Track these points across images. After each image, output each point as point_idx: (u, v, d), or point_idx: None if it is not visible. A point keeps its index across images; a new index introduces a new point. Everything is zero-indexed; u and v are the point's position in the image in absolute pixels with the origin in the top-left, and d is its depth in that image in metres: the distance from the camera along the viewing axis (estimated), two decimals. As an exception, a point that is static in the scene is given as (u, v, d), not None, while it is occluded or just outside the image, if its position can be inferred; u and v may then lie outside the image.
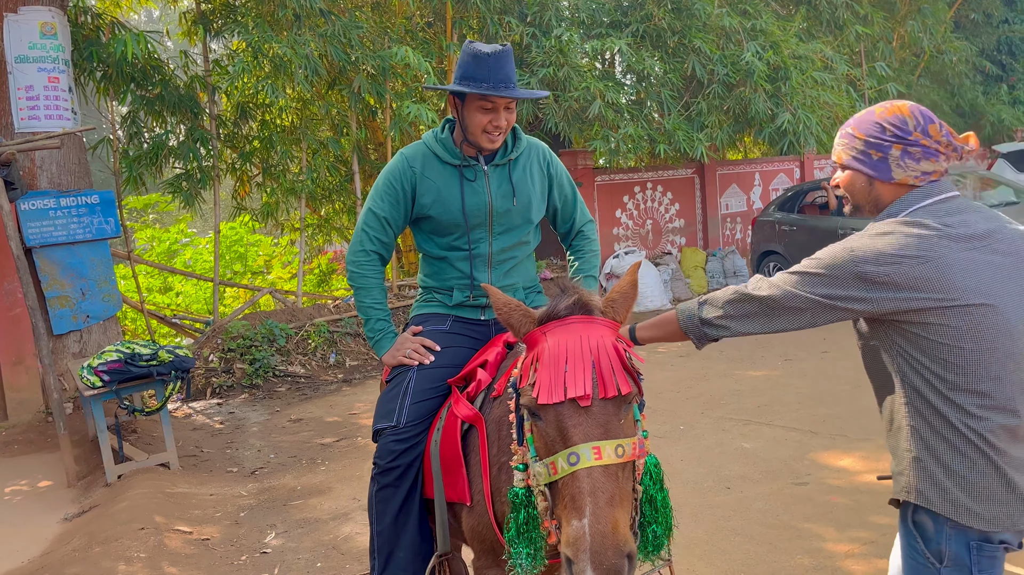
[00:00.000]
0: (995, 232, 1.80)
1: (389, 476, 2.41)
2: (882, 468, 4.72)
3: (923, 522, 1.80)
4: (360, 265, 2.65)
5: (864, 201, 1.93)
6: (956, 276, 1.71)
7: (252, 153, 10.05)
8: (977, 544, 1.75)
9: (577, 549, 1.56)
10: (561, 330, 1.78)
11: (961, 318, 1.71)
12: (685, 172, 12.95)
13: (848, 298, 1.77)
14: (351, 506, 4.93)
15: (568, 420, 1.68)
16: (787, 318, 1.84)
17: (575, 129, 10.18)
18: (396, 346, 2.60)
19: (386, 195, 2.61)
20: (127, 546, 4.30)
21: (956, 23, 16.51)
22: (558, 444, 1.69)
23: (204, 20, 9.36)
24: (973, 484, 1.73)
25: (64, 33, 7.17)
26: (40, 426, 6.90)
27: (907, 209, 1.83)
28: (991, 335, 1.72)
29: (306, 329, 8.98)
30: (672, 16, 10.13)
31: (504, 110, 2.51)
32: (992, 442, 1.72)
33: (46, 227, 6.87)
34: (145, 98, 8.84)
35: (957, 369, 1.73)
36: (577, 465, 1.63)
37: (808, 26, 12.10)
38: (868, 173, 1.89)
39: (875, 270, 1.73)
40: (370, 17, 9.88)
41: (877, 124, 1.87)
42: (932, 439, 1.77)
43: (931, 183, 1.85)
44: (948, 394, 1.74)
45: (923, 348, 1.75)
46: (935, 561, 1.79)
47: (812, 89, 10.44)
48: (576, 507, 1.60)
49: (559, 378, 1.69)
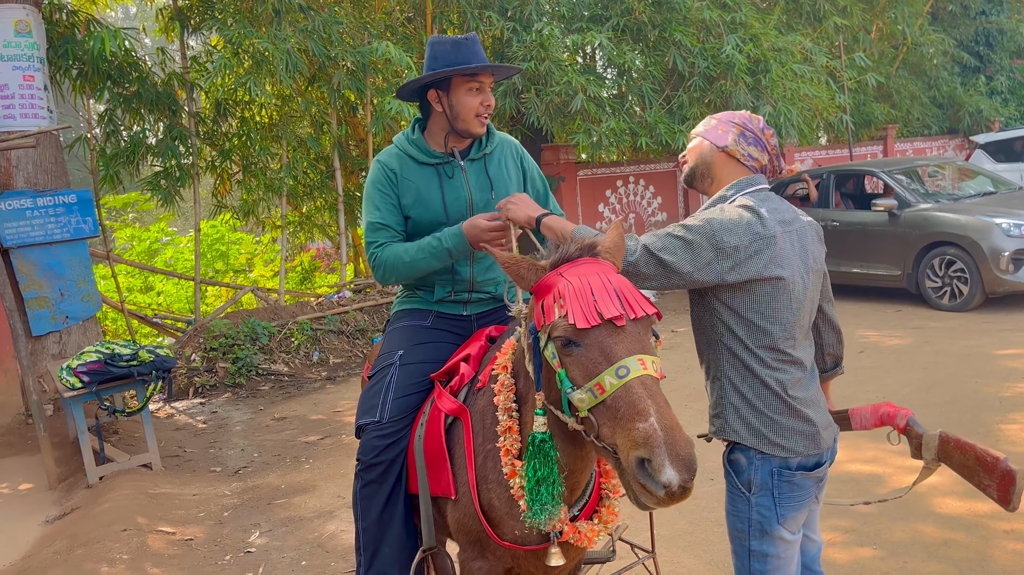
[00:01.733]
0: (795, 220, 2.21)
1: (373, 472, 2.40)
2: (864, 457, 4.77)
3: (737, 459, 2.19)
4: (383, 251, 2.57)
5: (700, 163, 2.31)
6: (778, 252, 2.10)
7: (232, 150, 9.97)
8: (777, 470, 2.13)
9: (652, 445, 1.61)
10: (576, 269, 1.87)
11: (770, 287, 2.10)
12: (667, 166, 12.98)
13: (704, 268, 2.07)
14: (336, 504, 4.92)
15: (609, 339, 1.76)
16: (655, 281, 2.12)
17: (557, 123, 10.16)
18: (470, 236, 2.43)
19: (380, 202, 2.61)
20: (109, 548, 4.26)
21: (934, 15, 16.65)
22: (602, 364, 1.75)
23: (181, 16, 9.27)
24: (775, 422, 2.13)
25: (39, 31, 7.07)
26: (20, 428, 6.82)
27: (739, 192, 2.21)
28: (785, 302, 2.11)
29: (289, 327, 8.93)
30: (652, 10, 10.13)
31: (488, 91, 2.57)
32: (787, 388, 2.13)
33: (23, 227, 6.79)
34: (122, 96, 8.73)
35: (761, 331, 2.12)
36: (628, 376, 1.71)
37: (787, 19, 12.16)
38: (711, 141, 2.28)
39: (727, 240, 2.06)
40: (350, 12, 9.81)
41: (730, 114, 2.32)
42: (743, 387, 2.16)
43: (754, 174, 2.25)
44: (755, 350, 2.13)
45: (737, 312, 2.12)
46: (745, 490, 2.17)
47: (792, 81, 10.49)
48: (639, 410, 1.66)
49: (590, 305, 1.78)
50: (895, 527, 3.91)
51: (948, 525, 3.89)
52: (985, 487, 2.18)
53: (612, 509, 2.19)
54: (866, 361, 6.78)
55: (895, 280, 9.13)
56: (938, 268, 8.68)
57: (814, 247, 2.24)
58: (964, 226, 8.44)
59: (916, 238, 8.84)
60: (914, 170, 9.89)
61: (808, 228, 2.25)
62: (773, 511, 2.14)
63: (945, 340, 7.34)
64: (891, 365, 6.66)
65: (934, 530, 3.85)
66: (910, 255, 8.89)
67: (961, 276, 8.47)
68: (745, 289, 2.10)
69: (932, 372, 6.36)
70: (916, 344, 7.30)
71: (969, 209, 8.74)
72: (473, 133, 2.59)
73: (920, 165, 10.14)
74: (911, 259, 8.89)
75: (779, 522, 2.14)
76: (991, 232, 8.24)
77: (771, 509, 2.14)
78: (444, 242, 2.45)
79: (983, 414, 5.30)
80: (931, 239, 8.70)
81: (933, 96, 16.82)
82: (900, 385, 6.03)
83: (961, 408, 5.45)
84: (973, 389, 5.83)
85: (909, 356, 6.90)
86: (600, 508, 2.19)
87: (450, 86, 2.53)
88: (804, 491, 2.17)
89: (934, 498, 4.15)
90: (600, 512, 2.18)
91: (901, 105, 16.00)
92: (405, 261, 2.51)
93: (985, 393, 5.72)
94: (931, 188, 9.89)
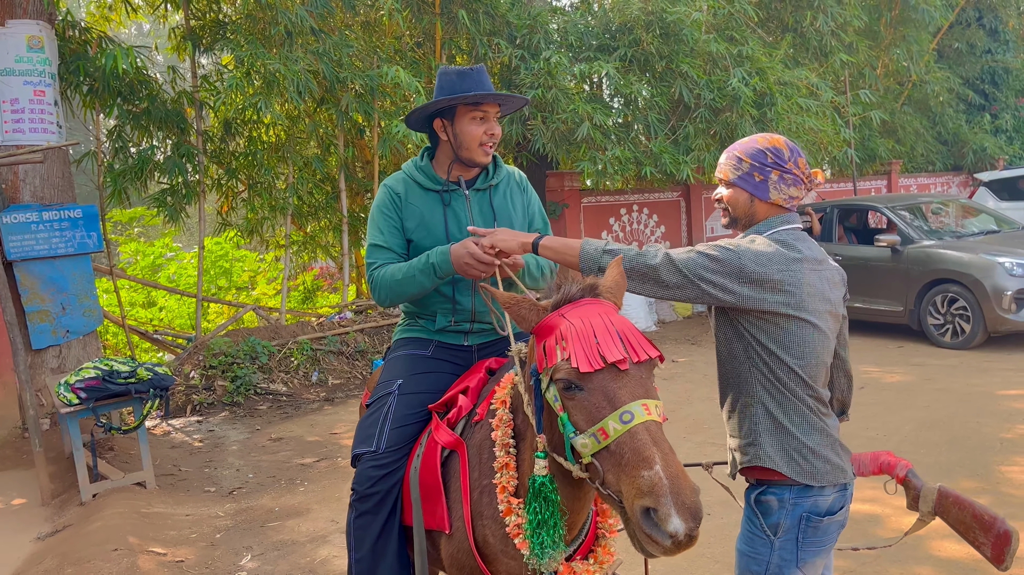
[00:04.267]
0: (824, 260, 2.21)
1: (368, 503, 2.38)
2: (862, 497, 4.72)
3: (768, 502, 2.14)
4: (380, 272, 2.56)
5: (743, 215, 2.26)
6: (804, 291, 2.09)
7: (238, 169, 10.01)
8: (807, 515, 2.10)
9: (657, 494, 1.59)
10: (578, 310, 1.86)
11: (796, 323, 2.10)
12: (671, 195, 13.02)
13: (722, 287, 2.06)
14: (329, 528, 4.88)
15: (612, 383, 1.74)
16: (672, 291, 2.12)
17: (562, 150, 10.22)
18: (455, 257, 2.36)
19: (383, 225, 2.62)
20: (100, 567, 4.22)
21: (940, 52, 16.76)
22: (605, 409, 1.73)
23: (193, 36, 9.36)
24: (811, 450, 2.11)
25: (51, 47, 7.14)
26: (16, 442, 6.79)
27: (771, 229, 2.19)
28: (810, 339, 2.11)
29: (289, 346, 8.92)
30: (660, 41, 10.22)
31: (493, 121, 2.59)
32: (822, 412, 2.15)
33: (27, 241, 6.81)
34: (132, 112, 8.79)
35: (801, 357, 2.10)
36: (632, 422, 1.69)
37: (794, 53, 12.25)
38: (751, 192, 2.22)
39: (753, 268, 2.05)
40: (360, 36, 9.91)
41: (761, 151, 2.20)
42: (779, 412, 2.12)
43: (788, 211, 2.23)
44: (799, 372, 2.10)
45: (777, 339, 2.10)
46: (771, 534, 2.12)
47: (797, 115, 10.55)
48: (643, 458, 1.64)
49: (592, 348, 1.76)
50: (892, 569, 3.87)
51: (946, 569, 3.84)
52: (979, 544, 2.18)
53: (608, 549, 2.17)
54: (867, 397, 6.74)
55: (897, 316, 9.11)
56: (940, 305, 8.67)
57: (837, 290, 2.23)
58: (967, 264, 8.44)
59: (919, 274, 8.83)
60: (918, 206, 9.91)
61: (835, 271, 2.25)
62: (794, 555, 2.11)
63: (946, 378, 7.31)
64: (892, 402, 6.63)
65: (932, 573, 3.81)
66: (912, 291, 8.89)
67: (963, 314, 8.46)
68: (772, 320, 2.10)
69: (933, 411, 6.32)
70: (917, 382, 7.26)
71: (972, 247, 8.75)
72: (477, 162, 2.60)
73: (924, 202, 10.17)
74: (913, 295, 8.88)
75: (799, 566, 2.12)
76: (994, 271, 8.23)
77: (793, 553, 2.11)
78: (431, 257, 2.43)
79: (983, 455, 5.26)
80: (934, 276, 8.69)
81: (938, 133, 16.89)
82: (901, 423, 6.00)
83: (961, 448, 5.41)
84: (974, 429, 5.79)
85: (910, 394, 6.87)
86: (596, 548, 2.17)
87: (455, 115, 2.56)
88: (828, 537, 2.15)
89: (932, 541, 4.11)
90: (596, 552, 2.16)
91: (906, 141, 16.07)
92: (397, 279, 2.50)
93: (986, 433, 5.68)
94: (934, 225, 9.91)
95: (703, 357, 8.86)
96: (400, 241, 2.62)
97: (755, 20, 11.49)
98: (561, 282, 1.96)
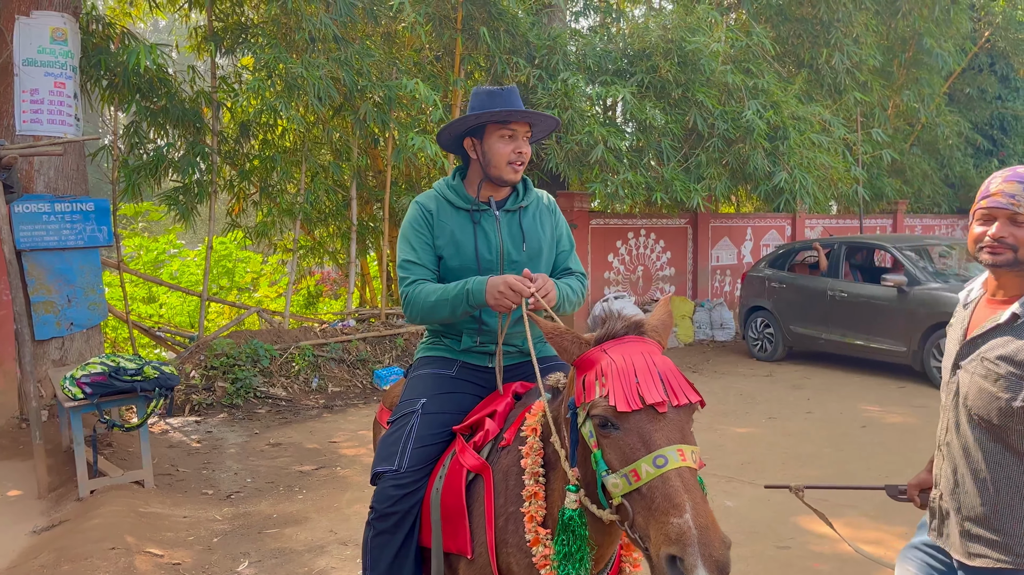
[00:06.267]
0: None
1: (387, 522, 2.36)
2: (866, 537, 4.72)
3: None
4: (414, 289, 2.55)
5: None
6: None
7: (252, 172, 10.04)
8: None
9: (684, 544, 1.55)
10: (621, 347, 1.84)
11: None
12: (679, 222, 13.06)
13: None
14: (328, 539, 4.85)
15: (649, 425, 1.71)
16: None
17: (575, 171, 10.27)
18: (490, 285, 2.37)
19: (415, 241, 2.62)
20: (96, 566, 4.19)
21: (951, 96, 16.88)
22: (640, 451, 1.70)
23: (215, 37, 9.40)
24: None
25: (74, 40, 7.16)
26: (13, 432, 6.75)
27: None
28: None
29: (291, 351, 8.90)
30: (677, 69, 10.29)
31: (523, 140, 2.59)
32: None
33: (38, 231, 6.80)
34: (149, 109, 8.83)
35: None
36: (665, 467, 1.66)
37: (808, 89, 12.33)
38: None
39: None
40: (380, 47, 9.96)
41: None
42: None
43: None
44: None
45: None
46: None
47: (809, 150, 10.60)
48: (674, 505, 1.61)
49: (632, 388, 1.74)
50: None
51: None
52: None
53: None
54: (868, 437, 6.73)
55: (900, 356, 9.12)
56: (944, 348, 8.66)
57: None
58: (972, 309, 8.44)
59: (923, 316, 8.85)
60: (924, 248, 9.94)
61: None
62: None
63: (948, 422, 7.29)
64: (893, 443, 6.62)
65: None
66: (916, 332, 8.90)
67: (966, 358, 8.45)
68: None
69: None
70: (919, 424, 7.26)
71: (978, 292, 8.75)
72: (506, 180, 2.61)
73: (931, 244, 10.20)
74: (917, 337, 8.89)
75: None
76: (999, 317, 8.23)
77: None
78: (468, 283, 2.43)
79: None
80: (938, 319, 8.70)
81: (945, 175, 16.98)
82: (903, 464, 5.99)
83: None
84: (976, 475, 5.77)
85: (912, 435, 6.86)
86: None
87: (484, 133, 2.58)
88: None
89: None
90: None
91: (913, 181, 16.15)
92: (431, 301, 2.50)
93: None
94: (940, 267, 9.94)
95: (704, 386, 8.85)
96: (432, 257, 2.63)
97: (772, 54, 11.57)
98: (607, 317, 1.95)
